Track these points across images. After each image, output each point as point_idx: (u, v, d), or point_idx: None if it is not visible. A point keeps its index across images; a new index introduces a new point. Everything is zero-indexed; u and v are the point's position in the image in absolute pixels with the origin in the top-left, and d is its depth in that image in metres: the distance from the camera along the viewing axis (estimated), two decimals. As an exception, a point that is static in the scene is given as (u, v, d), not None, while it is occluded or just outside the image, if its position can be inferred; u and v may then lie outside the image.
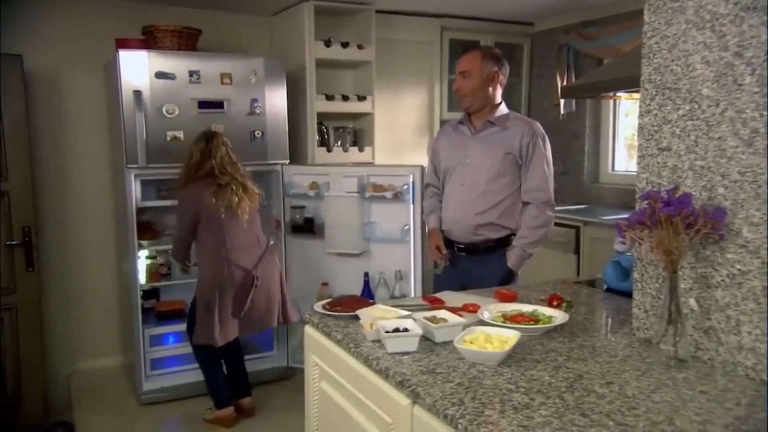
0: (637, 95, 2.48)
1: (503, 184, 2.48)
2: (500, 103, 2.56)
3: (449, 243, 2.60)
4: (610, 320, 1.74)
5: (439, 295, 1.92)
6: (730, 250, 1.29)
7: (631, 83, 2.90)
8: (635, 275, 1.54)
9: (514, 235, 2.51)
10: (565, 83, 4.37)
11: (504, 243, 2.51)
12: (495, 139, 2.50)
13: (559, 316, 1.59)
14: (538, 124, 2.54)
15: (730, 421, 1.06)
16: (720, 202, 1.30)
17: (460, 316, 1.58)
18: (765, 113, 1.21)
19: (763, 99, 1.21)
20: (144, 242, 3.35)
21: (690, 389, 1.19)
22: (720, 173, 1.30)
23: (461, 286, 2.28)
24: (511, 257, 2.47)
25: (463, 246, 2.56)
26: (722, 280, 1.31)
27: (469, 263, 2.54)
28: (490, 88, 2.51)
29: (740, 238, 1.27)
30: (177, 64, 3.23)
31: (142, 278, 3.36)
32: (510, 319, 1.57)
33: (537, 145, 2.47)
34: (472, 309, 1.68)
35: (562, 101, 4.38)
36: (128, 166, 3.16)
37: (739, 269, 1.27)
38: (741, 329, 1.27)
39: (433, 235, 2.67)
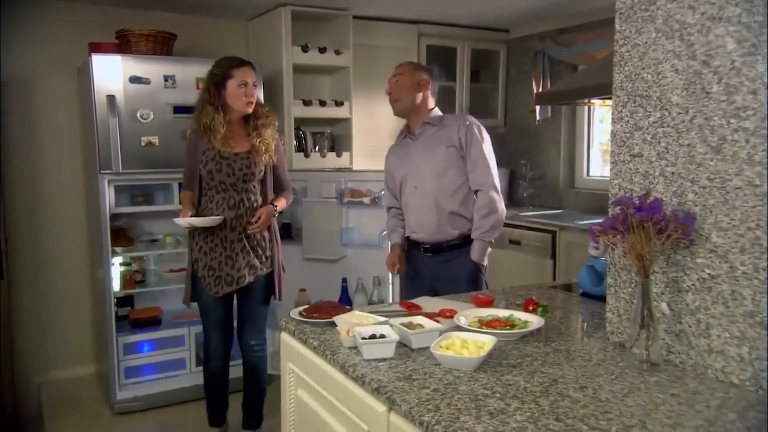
0: (610, 102, 2.52)
1: (452, 176, 2.55)
2: (433, 108, 2.67)
3: (416, 245, 2.65)
4: (584, 324, 1.76)
5: (416, 300, 1.93)
6: (700, 254, 1.31)
7: (603, 90, 2.95)
8: (609, 280, 1.55)
9: None
10: (540, 89, 4.42)
11: (467, 240, 2.57)
12: (435, 137, 2.59)
13: (534, 320, 1.60)
14: (473, 117, 2.66)
15: (700, 424, 1.07)
16: (690, 208, 1.32)
17: (437, 321, 1.58)
18: (732, 121, 1.24)
19: (729, 107, 1.24)
20: (118, 249, 3.30)
21: (662, 392, 1.21)
22: (690, 179, 1.33)
23: (431, 288, 2.30)
24: (474, 250, 2.53)
25: (429, 246, 2.61)
26: (692, 285, 1.33)
27: (435, 264, 2.59)
28: (420, 94, 2.61)
29: (709, 243, 1.29)
30: (152, 68, 3.19)
31: (116, 285, 3.30)
32: (486, 325, 1.58)
33: (473, 134, 2.55)
34: (448, 315, 1.69)
35: (537, 107, 4.43)
36: (102, 171, 3.11)
37: (708, 273, 1.30)
38: (711, 332, 1.29)
39: (393, 249, 2.75)
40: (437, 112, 2.67)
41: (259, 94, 3.35)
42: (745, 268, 1.22)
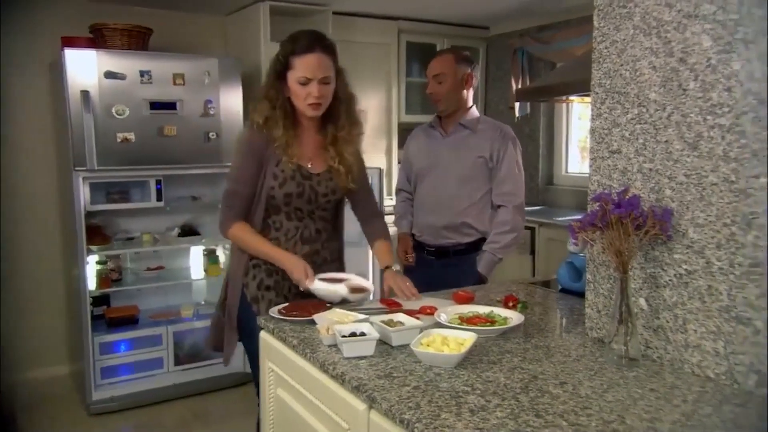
0: (588, 99, 2.53)
1: (474, 187, 2.48)
2: (472, 106, 2.57)
3: (420, 246, 2.59)
4: (564, 320, 1.77)
5: (396, 298, 1.92)
6: (677, 250, 1.32)
7: (582, 87, 2.97)
8: (588, 276, 1.56)
9: (484, 239, 2.50)
10: (519, 86, 4.44)
11: (474, 247, 2.50)
12: (466, 143, 2.49)
13: (514, 317, 1.61)
14: (509, 128, 2.55)
15: (677, 418, 1.08)
16: (667, 204, 1.34)
17: (418, 318, 1.57)
18: (708, 117, 1.25)
19: (705, 104, 1.25)
20: (93, 247, 3.24)
21: (640, 387, 1.22)
22: (667, 175, 1.34)
23: (430, 291, 2.27)
24: (481, 262, 2.46)
25: (433, 249, 2.54)
26: (670, 280, 1.34)
27: (439, 268, 2.52)
28: (464, 91, 2.51)
29: (686, 238, 1.30)
30: (127, 63, 3.14)
31: (91, 284, 3.25)
32: (467, 321, 1.57)
33: (508, 149, 2.47)
34: (429, 312, 1.68)
35: (516, 104, 4.45)
36: (76, 168, 3.05)
37: (685, 269, 1.31)
38: (687, 327, 1.31)
39: (402, 239, 2.65)
40: (474, 112, 2.56)
41: (233, 92, 3.30)
42: (721, 263, 1.24)
